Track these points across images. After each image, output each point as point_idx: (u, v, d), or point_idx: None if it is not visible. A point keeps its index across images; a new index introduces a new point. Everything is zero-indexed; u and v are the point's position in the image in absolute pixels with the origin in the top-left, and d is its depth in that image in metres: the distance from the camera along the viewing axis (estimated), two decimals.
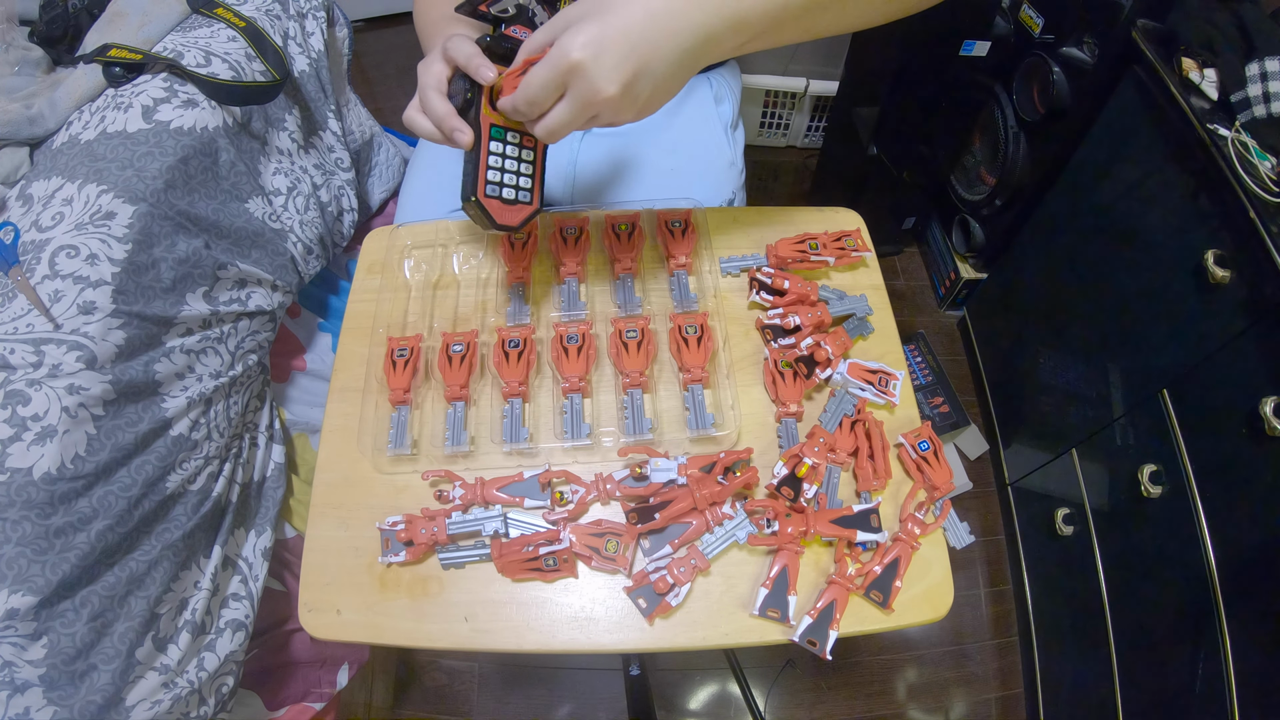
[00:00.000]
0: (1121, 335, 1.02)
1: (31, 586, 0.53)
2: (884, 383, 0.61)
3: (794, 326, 0.62)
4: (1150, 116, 0.95)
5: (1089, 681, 1.03)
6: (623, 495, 0.56)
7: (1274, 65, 0.79)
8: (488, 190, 0.51)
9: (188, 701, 0.63)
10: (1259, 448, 0.75)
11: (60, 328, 0.58)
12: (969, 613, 1.30)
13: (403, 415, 0.59)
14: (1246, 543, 0.77)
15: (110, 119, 0.69)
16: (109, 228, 0.62)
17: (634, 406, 0.59)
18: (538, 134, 0.48)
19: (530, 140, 0.53)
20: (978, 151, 1.44)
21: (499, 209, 0.52)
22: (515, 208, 0.53)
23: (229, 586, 0.71)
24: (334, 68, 0.95)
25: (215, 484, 0.69)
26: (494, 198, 0.52)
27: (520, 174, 0.53)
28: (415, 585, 0.54)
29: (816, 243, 0.67)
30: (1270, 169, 0.77)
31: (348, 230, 0.96)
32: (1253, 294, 0.77)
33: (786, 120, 1.83)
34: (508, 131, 0.52)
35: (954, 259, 1.55)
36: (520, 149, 0.53)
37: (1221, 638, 0.78)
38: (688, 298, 0.65)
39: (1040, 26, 1.17)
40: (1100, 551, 1.02)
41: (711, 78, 0.89)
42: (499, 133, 0.52)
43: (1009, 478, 1.34)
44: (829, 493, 0.56)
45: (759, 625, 0.51)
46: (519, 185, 0.53)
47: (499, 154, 0.52)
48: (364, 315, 0.67)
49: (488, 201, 0.51)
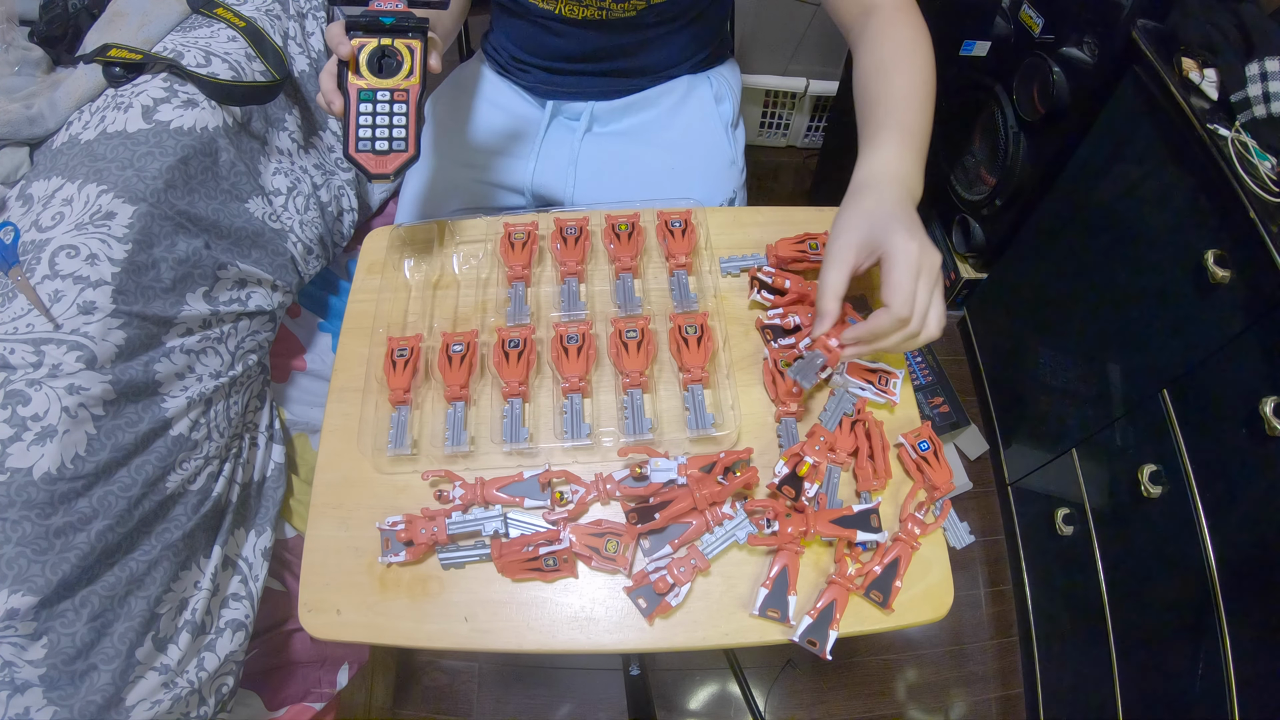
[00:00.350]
0: (1121, 335, 1.02)
1: (31, 586, 0.53)
2: (884, 381, 0.61)
3: (794, 326, 0.62)
4: (1150, 116, 0.95)
5: (1089, 681, 1.03)
6: (623, 495, 0.56)
7: (1274, 65, 0.79)
8: (359, 145, 0.58)
9: (188, 701, 0.63)
10: (1259, 448, 0.75)
11: (60, 328, 0.58)
12: (969, 613, 1.30)
13: (403, 415, 0.59)
14: (1246, 543, 0.77)
15: (110, 119, 0.69)
16: (109, 228, 0.62)
17: (634, 406, 0.59)
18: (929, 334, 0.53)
19: (401, 95, 0.59)
20: (978, 151, 1.44)
21: (371, 160, 0.59)
22: (389, 156, 0.59)
23: (229, 586, 0.71)
24: None
25: (215, 484, 0.69)
26: (366, 151, 0.59)
27: (394, 126, 0.59)
28: (415, 585, 0.54)
29: (816, 243, 0.67)
30: (1270, 169, 0.77)
31: (348, 230, 0.96)
32: (1253, 294, 0.77)
33: (786, 120, 1.83)
34: (377, 92, 0.58)
35: (954, 259, 1.55)
36: (392, 104, 0.59)
37: (1221, 638, 0.78)
38: (688, 298, 0.65)
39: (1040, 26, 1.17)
40: (1100, 551, 1.02)
41: (712, 76, 0.89)
42: (367, 95, 0.58)
43: (1009, 478, 1.34)
44: (829, 493, 0.56)
45: (759, 625, 0.51)
46: (392, 137, 0.59)
47: (369, 113, 0.58)
48: (364, 315, 0.67)
49: (359, 155, 0.59)
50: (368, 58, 0.58)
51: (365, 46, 0.58)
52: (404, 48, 0.58)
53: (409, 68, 0.58)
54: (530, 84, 0.88)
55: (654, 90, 0.86)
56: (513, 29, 0.85)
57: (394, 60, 0.58)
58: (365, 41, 0.58)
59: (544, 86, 0.88)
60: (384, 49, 0.58)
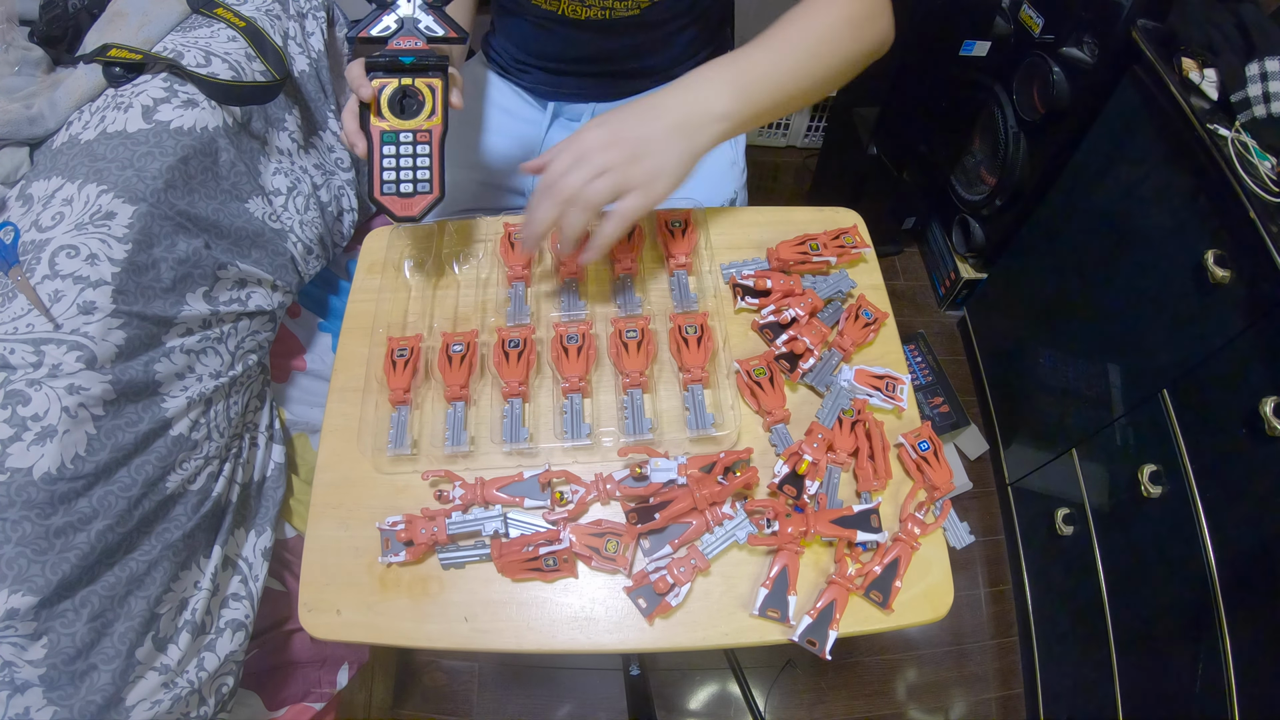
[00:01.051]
0: (1121, 335, 1.02)
1: (31, 586, 0.53)
2: (891, 388, 0.61)
3: (791, 320, 0.62)
4: (1150, 117, 0.95)
5: (1089, 681, 1.03)
6: (623, 495, 0.56)
7: (1274, 65, 0.79)
8: (383, 189, 0.58)
9: (188, 701, 0.63)
10: (1259, 448, 0.75)
11: (60, 328, 0.58)
12: (969, 613, 1.30)
13: (403, 415, 0.59)
14: (1246, 543, 0.77)
15: (110, 119, 0.69)
16: (109, 228, 0.62)
17: (634, 406, 0.59)
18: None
19: (424, 136, 0.59)
20: (978, 151, 1.44)
21: (396, 203, 0.58)
22: (414, 199, 0.59)
23: (229, 586, 0.71)
24: (334, 68, 0.95)
25: (215, 484, 0.69)
26: (390, 195, 0.58)
27: (417, 168, 0.59)
28: (415, 585, 0.54)
29: (817, 243, 0.67)
30: (1270, 169, 0.77)
31: (348, 230, 0.96)
32: (1253, 294, 0.77)
33: (786, 120, 1.83)
34: (400, 134, 0.58)
35: (954, 259, 1.55)
36: (415, 145, 0.59)
37: (1221, 638, 0.78)
38: (687, 298, 0.65)
39: (1040, 26, 1.17)
40: (1100, 551, 1.02)
41: None
42: (390, 137, 0.58)
43: (1009, 478, 1.34)
44: (829, 493, 0.56)
45: (759, 625, 0.51)
46: (416, 179, 0.59)
47: (392, 155, 0.58)
48: (364, 315, 0.67)
49: (384, 199, 0.58)
50: (389, 99, 0.58)
51: (386, 87, 0.58)
52: (425, 87, 0.58)
53: (430, 107, 0.58)
54: (531, 85, 0.88)
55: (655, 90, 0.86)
56: (514, 30, 0.84)
57: (415, 100, 0.58)
58: (386, 82, 0.58)
59: (545, 88, 0.88)
60: (405, 89, 0.58)
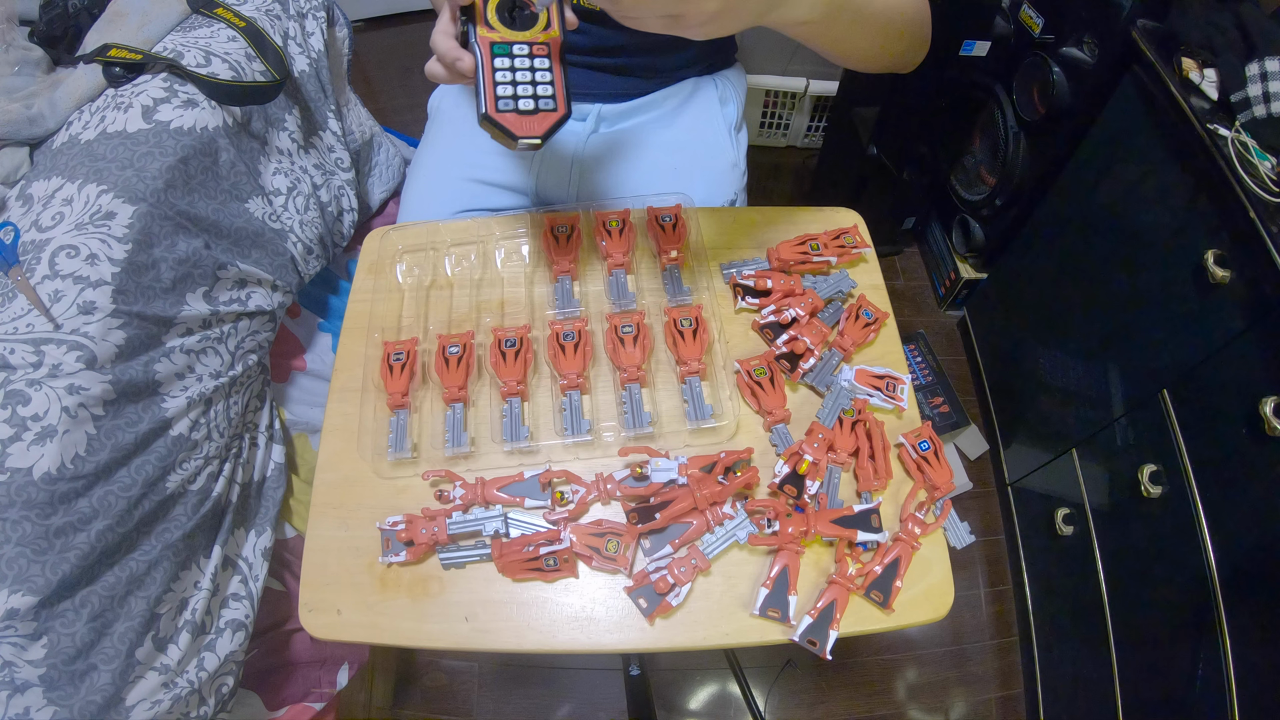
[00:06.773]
0: (1121, 335, 1.02)
1: (31, 586, 0.53)
2: (891, 388, 0.61)
3: (791, 320, 0.62)
4: (1150, 117, 0.95)
5: (1089, 681, 1.03)
6: (623, 495, 0.56)
7: (1274, 65, 0.79)
8: (499, 105, 0.50)
9: (188, 701, 0.63)
10: (1259, 448, 0.75)
11: (60, 328, 0.58)
12: (969, 613, 1.30)
13: (402, 419, 0.59)
14: (1246, 543, 0.77)
15: (110, 119, 0.69)
16: (109, 228, 0.62)
17: (633, 401, 0.59)
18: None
19: (542, 49, 0.52)
20: (978, 151, 1.44)
21: (515, 121, 0.51)
22: (537, 117, 0.51)
23: (229, 586, 0.71)
24: (334, 68, 0.95)
25: (215, 484, 0.69)
26: (508, 111, 0.50)
27: (537, 83, 0.52)
28: (415, 585, 0.54)
29: (817, 243, 0.67)
30: (1270, 169, 0.77)
31: (348, 230, 0.96)
32: (1253, 294, 0.77)
33: (786, 120, 1.83)
34: (513, 45, 0.52)
35: (954, 259, 1.55)
36: (532, 58, 0.52)
37: (1221, 638, 0.78)
38: (681, 291, 0.66)
39: (1040, 26, 1.17)
40: (1100, 551, 1.02)
41: (717, 79, 0.89)
42: (502, 49, 0.51)
43: (1009, 478, 1.34)
44: (829, 493, 0.56)
45: (759, 625, 0.51)
46: (537, 95, 0.51)
47: (506, 68, 0.51)
48: (364, 315, 0.67)
49: (500, 116, 0.50)
50: (497, 7, 0.51)
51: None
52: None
53: (545, 20, 0.52)
54: None
55: (660, 92, 0.86)
56: None
57: (526, 10, 0.52)
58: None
59: None
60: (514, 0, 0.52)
